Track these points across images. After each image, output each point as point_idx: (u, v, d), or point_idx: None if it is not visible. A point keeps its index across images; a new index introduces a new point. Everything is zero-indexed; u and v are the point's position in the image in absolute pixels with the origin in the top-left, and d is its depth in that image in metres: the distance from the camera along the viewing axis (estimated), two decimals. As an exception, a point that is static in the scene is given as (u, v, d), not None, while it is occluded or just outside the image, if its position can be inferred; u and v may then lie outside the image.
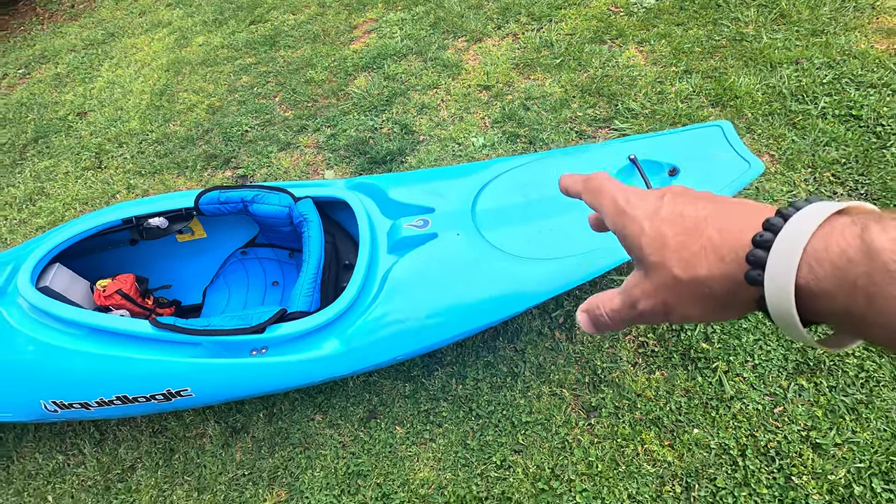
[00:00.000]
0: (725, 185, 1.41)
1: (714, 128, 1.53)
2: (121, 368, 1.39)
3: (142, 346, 1.41)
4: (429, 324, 1.44)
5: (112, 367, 1.39)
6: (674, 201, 0.34)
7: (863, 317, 0.25)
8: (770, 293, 0.28)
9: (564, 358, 1.53)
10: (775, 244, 0.28)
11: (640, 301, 0.35)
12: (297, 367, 1.41)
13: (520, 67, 2.59)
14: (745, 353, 1.43)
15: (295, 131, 2.67)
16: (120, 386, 1.41)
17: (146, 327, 1.39)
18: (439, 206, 1.61)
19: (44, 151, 3.05)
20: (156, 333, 1.39)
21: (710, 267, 0.31)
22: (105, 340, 1.41)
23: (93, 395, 1.42)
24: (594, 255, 1.42)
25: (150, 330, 1.39)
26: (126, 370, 1.39)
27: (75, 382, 1.42)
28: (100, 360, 1.39)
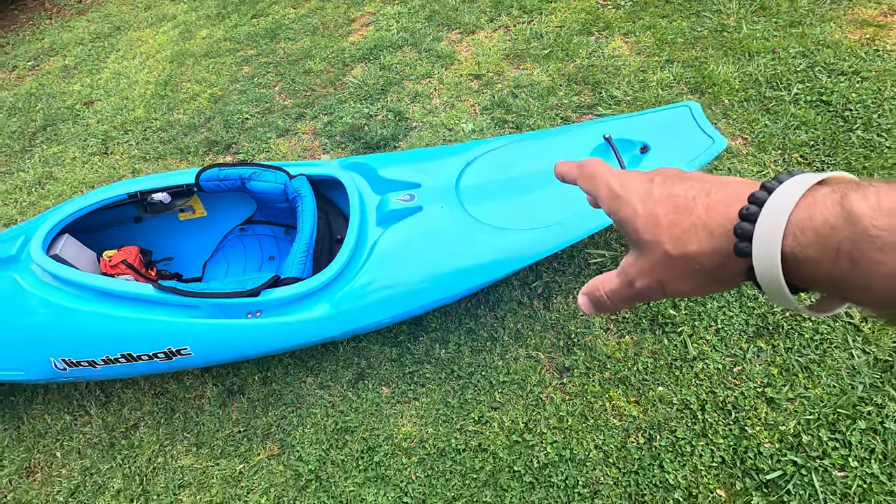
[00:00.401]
0: (692, 160, 1.51)
1: (683, 108, 1.62)
2: (125, 328, 1.50)
3: (145, 307, 1.51)
4: (413, 289, 1.54)
5: (117, 326, 1.50)
6: (664, 182, 0.36)
7: (846, 280, 0.27)
8: (758, 263, 0.30)
9: (541, 324, 1.63)
10: (760, 217, 0.29)
11: (636, 280, 0.36)
12: (290, 329, 1.51)
13: (510, 58, 2.69)
14: (710, 318, 1.52)
15: (293, 119, 2.78)
16: (124, 344, 1.51)
17: (149, 290, 1.50)
18: (425, 182, 1.70)
19: (52, 138, 3.17)
20: (158, 296, 1.49)
21: (700, 242, 0.32)
22: (111, 302, 1.51)
23: (99, 352, 1.53)
24: (566, 225, 1.51)
25: (152, 292, 1.49)
26: (130, 329, 1.50)
27: (83, 341, 1.52)
28: (106, 321, 1.49)
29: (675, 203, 0.34)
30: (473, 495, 1.37)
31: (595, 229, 1.51)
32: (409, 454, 1.47)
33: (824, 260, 0.27)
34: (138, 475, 1.59)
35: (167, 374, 1.80)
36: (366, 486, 1.44)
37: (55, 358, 1.55)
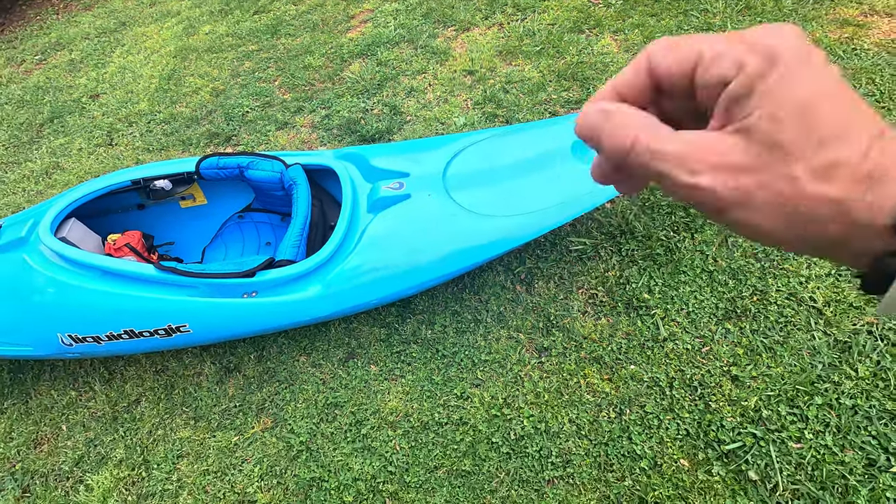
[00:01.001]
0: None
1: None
2: (128, 305, 1.59)
3: (147, 286, 1.60)
4: (400, 272, 1.63)
5: (120, 304, 1.59)
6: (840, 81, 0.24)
7: None
8: None
9: (523, 308, 1.71)
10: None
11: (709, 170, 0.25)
12: (284, 308, 1.60)
13: (503, 54, 2.77)
14: (681, 302, 1.60)
15: (292, 112, 2.86)
16: (127, 321, 1.60)
17: (150, 270, 1.58)
18: (414, 171, 1.79)
19: (59, 130, 3.27)
20: (159, 275, 1.58)
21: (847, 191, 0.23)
22: (115, 281, 1.60)
23: (103, 329, 1.62)
24: (547, 211, 1.59)
25: (153, 272, 1.58)
26: (132, 307, 1.59)
27: (89, 317, 1.61)
28: (110, 298, 1.58)
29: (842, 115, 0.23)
30: (454, 464, 1.46)
31: (575, 215, 1.59)
32: (394, 427, 1.56)
33: None
34: (139, 446, 1.68)
35: (167, 352, 1.89)
36: (353, 456, 1.53)
37: (62, 334, 1.64)
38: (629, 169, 0.28)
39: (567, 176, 1.67)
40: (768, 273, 1.59)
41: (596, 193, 1.59)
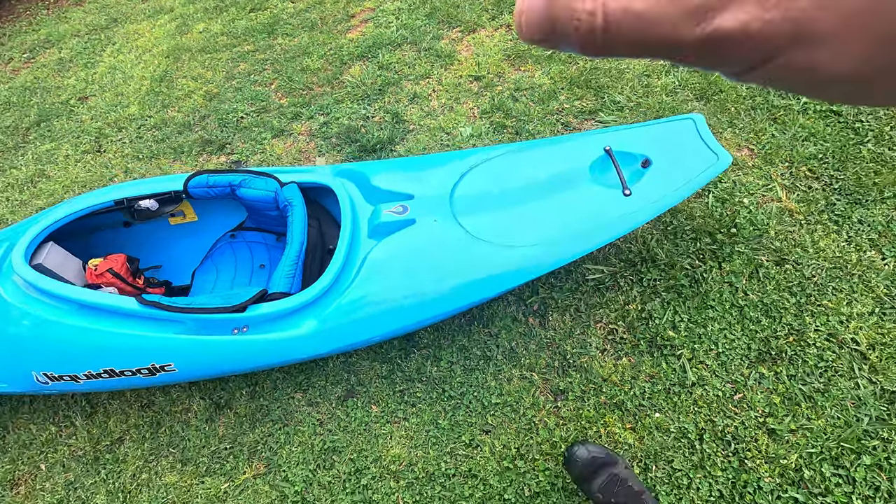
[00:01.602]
0: (694, 177, 1.45)
1: (686, 121, 1.56)
2: (108, 342, 1.46)
3: (128, 321, 1.47)
4: (403, 306, 1.50)
5: (100, 341, 1.46)
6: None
7: None
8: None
9: (536, 343, 1.58)
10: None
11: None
12: (276, 346, 1.47)
13: (511, 59, 2.61)
14: (710, 341, 1.47)
15: (289, 118, 2.72)
16: (107, 359, 1.48)
17: (132, 304, 1.45)
18: (419, 193, 1.65)
19: (45, 135, 3.12)
20: (141, 310, 1.45)
21: None
22: (94, 316, 1.47)
23: (81, 367, 1.49)
24: (564, 241, 1.46)
25: (136, 306, 1.45)
26: (113, 344, 1.46)
27: (65, 355, 1.48)
28: (88, 335, 1.45)
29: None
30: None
31: (597, 245, 1.46)
32: (397, 477, 1.44)
33: None
34: (122, 492, 1.56)
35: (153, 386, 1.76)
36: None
37: (36, 372, 1.52)
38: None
39: (586, 200, 1.53)
40: (805, 310, 1.46)
41: (620, 221, 1.45)
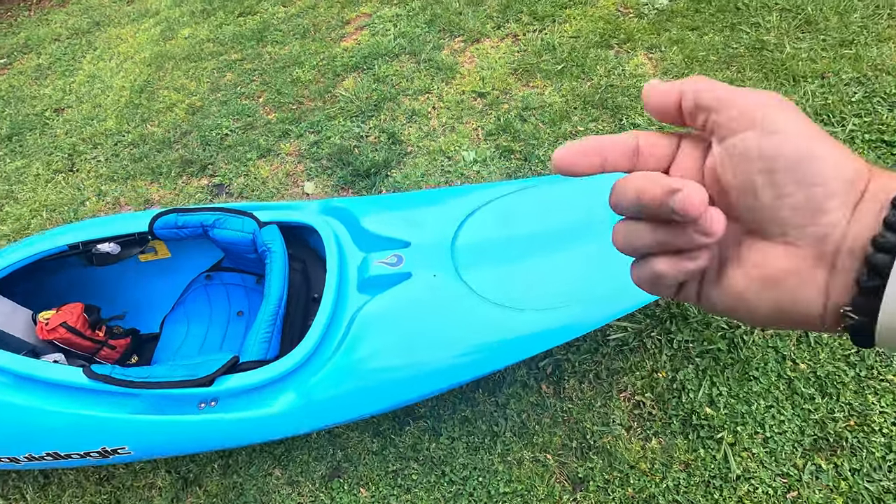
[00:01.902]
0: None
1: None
2: (50, 423, 1.25)
3: (75, 397, 1.26)
4: (396, 379, 1.29)
5: (41, 420, 1.25)
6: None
7: None
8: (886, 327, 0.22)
9: (551, 416, 1.37)
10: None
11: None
12: (249, 426, 1.26)
13: (518, 73, 2.39)
14: (755, 422, 1.26)
15: (277, 136, 2.50)
16: (50, 441, 1.27)
17: (79, 377, 1.24)
18: (416, 240, 1.44)
19: (17, 150, 2.90)
20: (90, 384, 1.24)
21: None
22: (34, 390, 1.26)
23: (20, 449, 1.28)
24: (585, 305, 1.24)
25: (83, 380, 1.24)
26: (56, 424, 1.25)
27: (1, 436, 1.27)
28: (27, 413, 1.25)
29: None
30: None
31: (623, 312, 1.24)
32: (388, 582, 1.23)
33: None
34: (72, 587, 1.35)
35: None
36: None
37: (-29, 452, 1.31)
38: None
39: (610, 254, 1.32)
40: (866, 386, 1.25)
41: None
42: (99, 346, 1.62)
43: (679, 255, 0.26)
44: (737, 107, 0.25)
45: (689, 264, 0.26)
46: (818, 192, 0.23)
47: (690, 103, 0.26)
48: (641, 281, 0.29)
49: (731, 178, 0.25)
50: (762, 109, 0.24)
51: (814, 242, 0.24)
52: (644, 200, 0.25)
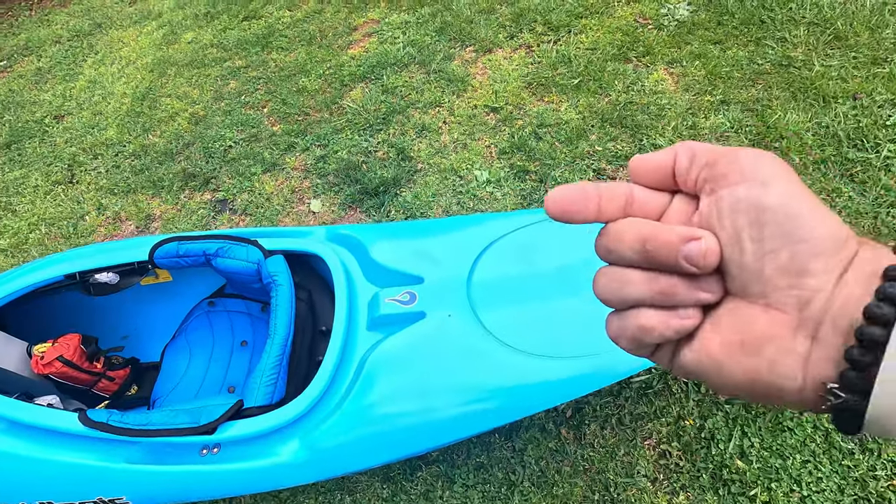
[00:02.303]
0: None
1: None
2: (44, 471, 1.18)
3: (69, 444, 1.19)
4: (409, 427, 1.21)
5: (33, 469, 1.18)
6: None
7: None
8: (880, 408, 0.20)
9: (571, 465, 1.30)
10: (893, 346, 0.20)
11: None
12: (253, 477, 1.19)
13: (532, 87, 2.31)
14: (791, 478, 1.18)
15: (282, 150, 2.42)
16: (44, 491, 1.20)
17: (74, 423, 1.17)
18: (429, 276, 1.36)
19: (15, 159, 2.83)
20: (85, 431, 1.17)
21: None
22: (26, 436, 1.19)
23: (13, 498, 1.22)
24: (614, 356, 1.17)
25: (79, 427, 1.17)
26: (50, 473, 1.18)
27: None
28: (18, 462, 1.18)
29: None
30: None
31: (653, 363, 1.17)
32: None
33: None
34: None
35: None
36: None
37: (-40, 499, 1.24)
38: None
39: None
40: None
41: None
42: (97, 379, 1.55)
43: (669, 310, 0.25)
44: (730, 161, 0.25)
45: (680, 322, 0.25)
46: (803, 250, 0.22)
47: (685, 159, 0.26)
48: (622, 335, 0.27)
49: (719, 230, 0.24)
50: (754, 163, 0.24)
51: (796, 307, 0.22)
52: (652, 247, 0.25)
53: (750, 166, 0.24)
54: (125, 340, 1.75)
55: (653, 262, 0.25)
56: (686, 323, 0.25)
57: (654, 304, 0.26)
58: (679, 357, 0.26)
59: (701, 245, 0.23)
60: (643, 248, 0.25)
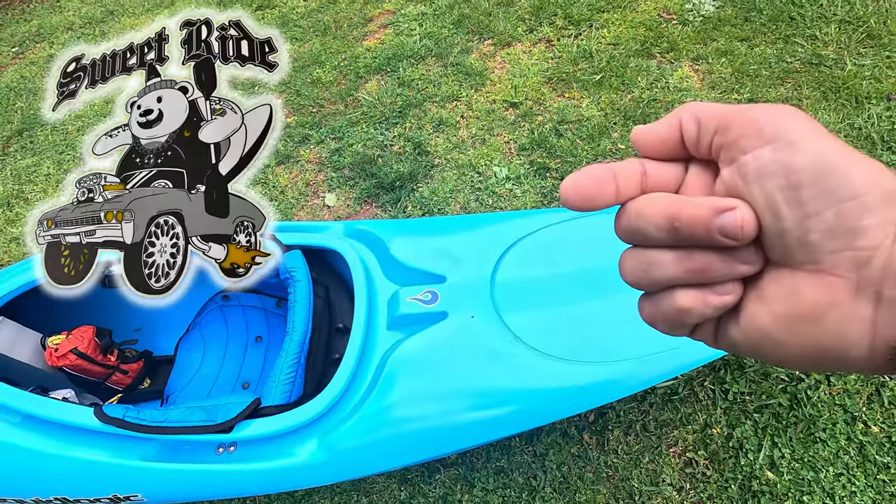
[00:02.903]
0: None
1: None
2: (58, 467, 1.16)
3: (85, 440, 1.17)
4: (430, 429, 1.18)
5: (48, 464, 1.16)
6: None
7: None
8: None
9: (594, 471, 1.27)
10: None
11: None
12: (269, 477, 1.17)
13: (553, 82, 2.26)
14: (823, 492, 1.15)
15: (296, 142, 2.39)
16: (58, 486, 1.18)
17: (89, 418, 1.15)
18: (451, 275, 1.33)
19: (27, 147, 2.82)
20: (100, 427, 1.15)
21: None
22: (42, 431, 1.17)
23: (27, 492, 1.20)
24: (643, 362, 1.13)
25: (94, 422, 1.15)
26: (64, 469, 1.16)
27: (6, 478, 1.19)
28: (34, 456, 1.16)
29: None
30: None
31: (684, 369, 1.13)
32: None
33: None
34: None
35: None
36: None
37: (-26, 492, 1.23)
38: None
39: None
40: (948, 456, 1.13)
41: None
42: (111, 372, 1.53)
43: (705, 287, 0.24)
44: (746, 123, 0.23)
45: (720, 298, 0.23)
46: (850, 208, 0.20)
47: (692, 127, 0.24)
48: (659, 318, 0.26)
49: (748, 198, 0.22)
50: (775, 122, 0.22)
51: (853, 269, 0.20)
52: (681, 224, 0.23)
53: (770, 126, 0.22)
54: (138, 333, 1.72)
55: (683, 239, 0.23)
56: (726, 299, 0.23)
57: (688, 284, 0.24)
58: (726, 334, 0.25)
59: (736, 215, 0.22)
60: (670, 225, 0.23)
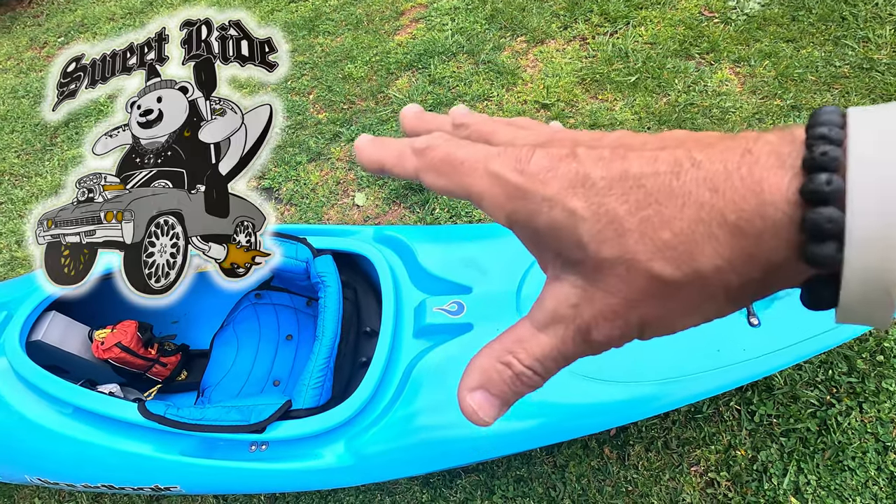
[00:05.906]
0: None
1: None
2: (105, 457, 1.24)
3: (128, 434, 1.25)
4: (454, 440, 1.22)
5: (96, 454, 1.24)
6: (601, 158, 0.21)
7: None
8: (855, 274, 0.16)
9: (613, 485, 1.28)
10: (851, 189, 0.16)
11: (595, 327, 0.22)
12: (298, 476, 1.23)
13: (586, 83, 2.22)
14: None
15: (327, 139, 2.42)
16: (105, 474, 1.27)
17: (134, 413, 1.22)
18: (478, 287, 1.34)
19: (73, 137, 2.94)
20: (143, 422, 1.22)
21: (721, 250, 0.18)
22: (90, 422, 1.26)
23: (77, 478, 1.29)
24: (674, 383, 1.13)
25: (138, 417, 1.22)
26: (111, 459, 1.24)
27: (59, 465, 1.29)
28: (83, 446, 1.24)
29: (643, 189, 0.19)
30: None
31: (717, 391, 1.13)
32: None
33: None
34: None
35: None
36: None
37: (30, 475, 1.33)
38: None
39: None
40: (985, 493, 1.10)
41: (738, 365, 1.11)
42: (151, 364, 1.62)
43: None
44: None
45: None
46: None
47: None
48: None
49: None
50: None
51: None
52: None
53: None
54: (175, 326, 1.80)
55: None
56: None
57: None
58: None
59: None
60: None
